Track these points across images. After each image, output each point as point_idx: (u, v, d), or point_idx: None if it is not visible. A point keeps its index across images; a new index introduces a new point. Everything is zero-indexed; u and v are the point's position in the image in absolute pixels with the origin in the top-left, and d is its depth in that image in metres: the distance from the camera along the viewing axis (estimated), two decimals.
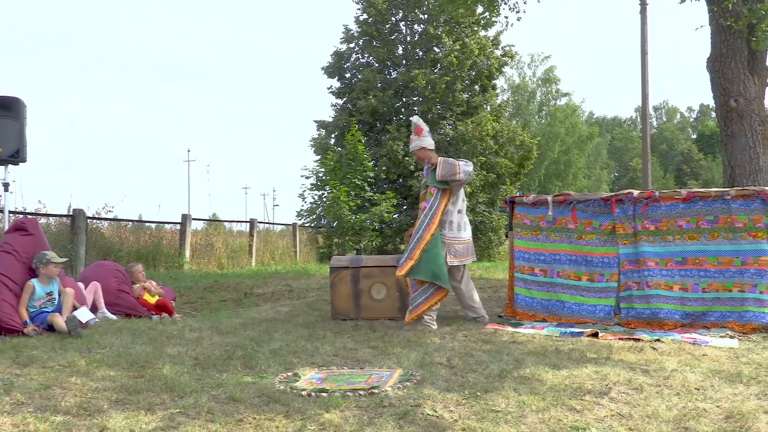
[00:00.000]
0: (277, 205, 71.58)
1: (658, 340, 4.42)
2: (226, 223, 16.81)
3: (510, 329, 5.00)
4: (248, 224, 15.30)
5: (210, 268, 12.55)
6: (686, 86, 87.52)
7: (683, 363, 3.72)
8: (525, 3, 9.58)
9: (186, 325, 5.23)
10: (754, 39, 6.84)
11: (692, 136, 68.88)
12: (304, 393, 3.14)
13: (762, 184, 6.29)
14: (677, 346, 4.23)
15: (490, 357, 3.94)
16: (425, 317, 5.08)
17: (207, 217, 20.22)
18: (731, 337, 4.53)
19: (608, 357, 3.91)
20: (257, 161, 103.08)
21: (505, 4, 9.24)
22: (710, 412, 2.81)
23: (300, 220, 15.93)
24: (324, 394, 3.11)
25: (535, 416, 2.77)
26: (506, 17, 11.49)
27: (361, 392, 3.14)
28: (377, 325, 5.26)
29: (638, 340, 4.45)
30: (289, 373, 3.57)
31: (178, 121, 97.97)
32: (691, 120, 74.05)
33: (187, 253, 12.37)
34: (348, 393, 3.13)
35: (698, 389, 3.18)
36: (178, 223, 12.84)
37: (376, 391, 3.16)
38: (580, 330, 4.83)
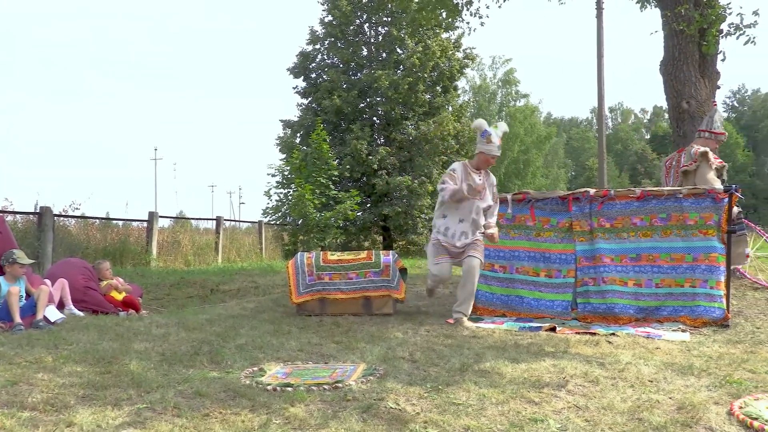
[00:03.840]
0: (243, 203, 70.91)
1: (613, 334, 4.56)
2: (192, 221, 16.73)
3: (470, 324, 5.09)
4: (214, 222, 15.19)
5: (177, 265, 12.42)
6: (640, 88, 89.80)
7: (637, 356, 3.84)
8: (487, 8, 9.75)
9: (153, 322, 5.20)
10: (704, 43, 7.06)
11: (646, 137, 70.67)
12: (269, 388, 3.15)
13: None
14: (632, 339, 4.37)
15: (451, 351, 4.01)
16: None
17: (174, 215, 20.08)
18: (683, 330, 4.70)
19: (565, 351, 4.02)
20: (224, 160, 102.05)
21: (468, 10, 9.36)
22: (663, 404, 2.90)
23: (266, 217, 15.88)
24: (289, 389, 3.12)
25: (494, 408, 2.83)
26: (468, 23, 11.65)
27: (326, 387, 3.16)
28: (342, 320, 5.29)
29: (594, 334, 4.58)
30: (255, 368, 3.58)
31: (145, 120, 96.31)
32: (645, 121, 75.95)
33: (154, 250, 12.26)
34: (312, 387, 3.15)
35: (651, 381, 3.28)
36: (145, 220, 12.74)
37: (340, 385, 3.18)
38: (539, 324, 4.96)
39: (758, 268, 6.62)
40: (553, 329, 4.77)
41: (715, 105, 6.08)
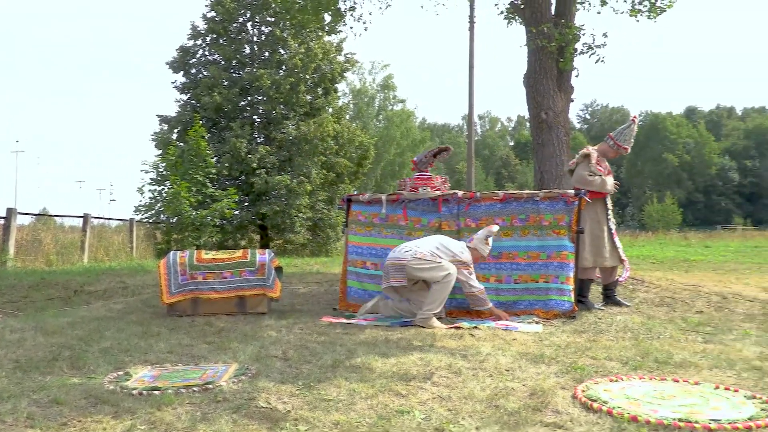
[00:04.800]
0: (113, 200, 66.89)
1: (476, 327, 4.81)
2: (57, 218, 15.58)
3: (344, 321, 5.20)
4: (81, 219, 14.30)
5: (37, 265, 11.52)
6: (506, 98, 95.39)
7: (496, 347, 4.07)
8: (370, 14, 9.95)
9: (6, 326, 4.81)
10: (562, 60, 7.66)
11: (510, 144, 75.27)
12: (135, 392, 3.05)
13: (565, 188, 7.01)
14: (492, 332, 4.64)
15: (324, 348, 4.08)
16: None
17: (36, 212, 18.63)
18: (537, 323, 5.06)
19: (432, 344, 4.20)
20: (93, 154, 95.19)
21: (352, 15, 9.48)
22: (517, 391, 3.10)
23: (138, 215, 15.15)
24: (156, 392, 3.04)
25: (364, 403, 2.91)
26: (351, 27, 11.80)
27: (195, 388, 3.11)
28: (215, 320, 5.19)
29: (459, 327, 4.81)
30: (120, 373, 3.45)
31: (6, 110, 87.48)
32: (510, 129, 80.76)
33: (12, 249, 11.30)
34: (182, 390, 3.09)
35: (508, 370, 3.49)
36: (2, 217, 11.72)
37: (210, 386, 3.14)
38: (409, 320, 5.16)
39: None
40: (457, 328, 4.85)
41: (633, 120, 6.15)
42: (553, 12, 7.86)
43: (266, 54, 20.28)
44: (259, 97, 19.50)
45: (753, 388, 3.16)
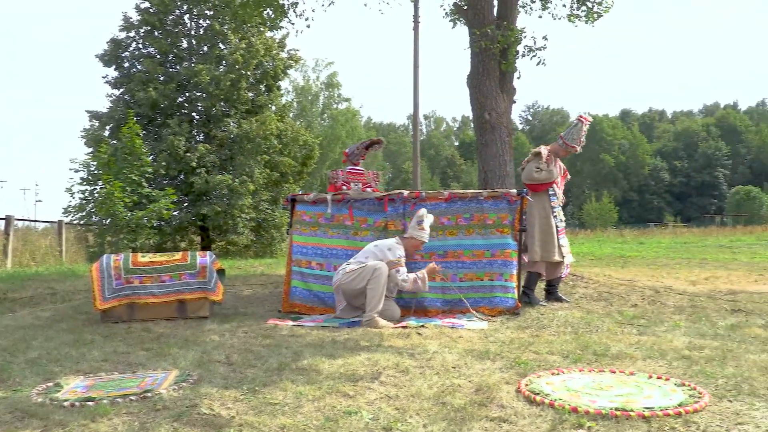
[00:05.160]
0: (39, 201, 64.38)
1: (422, 326, 4.83)
2: None
3: (290, 323, 5.11)
4: (3, 221, 13.58)
5: None
6: (451, 98, 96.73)
7: (443, 345, 4.11)
8: (313, 11, 9.83)
9: None
10: (504, 62, 7.78)
11: (455, 144, 76.38)
12: (66, 404, 2.89)
13: (508, 187, 7.14)
14: (438, 330, 4.67)
15: (269, 351, 4.00)
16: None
17: None
18: (482, 320, 5.13)
19: (379, 344, 4.19)
20: (16, 152, 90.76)
21: (294, 11, 9.36)
22: (463, 387, 3.13)
23: (67, 217, 14.48)
24: (90, 403, 2.90)
25: (311, 405, 2.87)
26: (293, 24, 11.65)
27: (133, 397, 2.98)
28: (153, 326, 5.02)
29: (406, 327, 4.82)
30: (50, 384, 3.27)
31: None
32: (455, 129, 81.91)
33: None
34: (118, 399, 2.96)
35: (454, 368, 3.53)
36: None
37: (149, 394, 3.02)
38: (357, 319, 5.12)
39: None
40: (404, 327, 4.84)
41: (581, 119, 6.14)
42: (495, 14, 7.97)
43: (205, 48, 19.75)
44: (198, 94, 18.95)
45: (682, 377, 3.32)
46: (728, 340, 4.24)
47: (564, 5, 8.84)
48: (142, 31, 19.35)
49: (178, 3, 19.44)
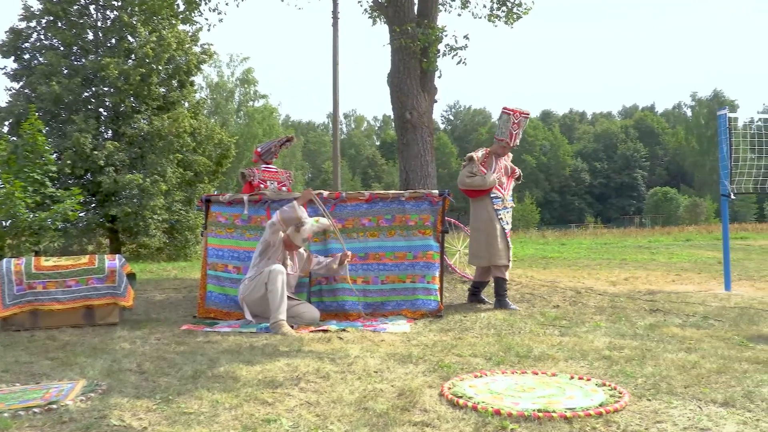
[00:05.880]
0: None
1: (344, 330, 4.79)
2: None
3: (206, 329, 4.94)
4: None
5: None
6: (372, 97, 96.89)
7: (365, 349, 4.08)
8: (227, 5, 9.57)
9: None
10: (425, 60, 7.85)
11: (377, 143, 76.69)
12: None
13: (430, 188, 7.21)
14: (360, 334, 4.64)
15: (183, 359, 3.85)
16: None
17: None
18: (404, 323, 5.12)
19: (299, 349, 4.12)
20: None
21: (206, 4, 9.08)
22: (386, 392, 3.11)
23: None
24: None
25: (228, 414, 2.79)
26: (206, 18, 11.24)
27: (37, 410, 2.81)
28: (58, 334, 4.74)
29: (326, 330, 4.78)
30: None
31: None
32: (376, 128, 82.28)
33: None
34: (20, 412, 2.78)
35: (377, 372, 3.50)
36: None
37: (54, 406, 2.86)
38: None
39: (466, 264, 7.56)
40: (325, 331, 4.78)
41: (505, 111, 6.03)
42: (416, 12, 8.03)
43: (113, 41, 18.85)
44: (106, 88, 18.05)
45: (603, 377, 3.42)
46: (647, 340, 4.39)
47: (484, 5, 9.05)
48: (44, 21, 18.31)
49: None
